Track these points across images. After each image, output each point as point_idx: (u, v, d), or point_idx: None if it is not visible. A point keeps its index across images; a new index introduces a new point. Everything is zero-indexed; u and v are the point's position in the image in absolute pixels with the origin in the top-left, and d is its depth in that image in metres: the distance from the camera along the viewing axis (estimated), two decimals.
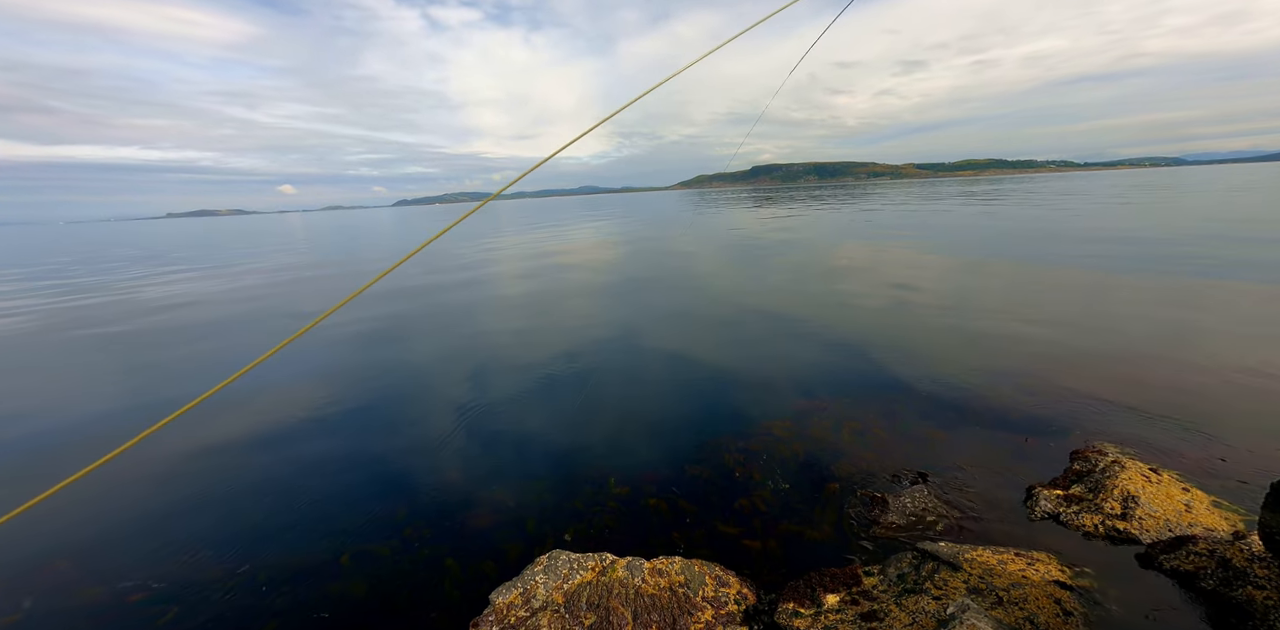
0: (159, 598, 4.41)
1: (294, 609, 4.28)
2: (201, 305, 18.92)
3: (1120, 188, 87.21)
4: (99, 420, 8.68)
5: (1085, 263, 18.51)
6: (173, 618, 4.22)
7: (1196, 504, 5.28)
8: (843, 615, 3.76)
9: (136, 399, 9.67)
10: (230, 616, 4.23)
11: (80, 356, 12.87)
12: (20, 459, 7.43)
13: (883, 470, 6.01)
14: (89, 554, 5.06)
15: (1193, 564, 4.42)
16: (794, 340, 11.27)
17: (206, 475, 6.63)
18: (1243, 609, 3.94)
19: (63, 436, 8.11)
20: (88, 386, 10.54)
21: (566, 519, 5.46)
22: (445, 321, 14.55)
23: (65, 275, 31.87)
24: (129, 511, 5.86)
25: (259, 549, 5.07)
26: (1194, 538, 4.73)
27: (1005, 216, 39.82)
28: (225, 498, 6.08)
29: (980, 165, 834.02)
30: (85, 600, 4.43)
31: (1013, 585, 4.08)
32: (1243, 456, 5.89)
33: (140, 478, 6.61)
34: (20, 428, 8.52)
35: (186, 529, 5.45)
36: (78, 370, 11.73)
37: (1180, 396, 7.51)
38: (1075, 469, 5.82)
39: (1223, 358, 8.88)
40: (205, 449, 7.39)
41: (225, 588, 4.53)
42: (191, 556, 4.96)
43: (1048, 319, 11.86)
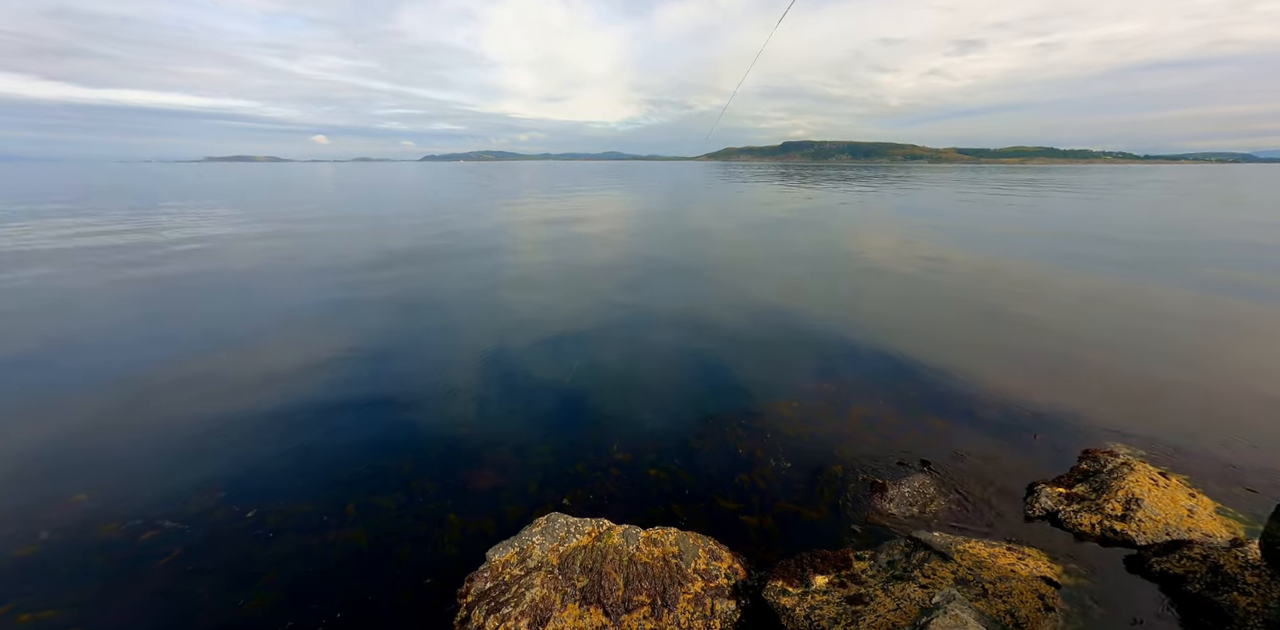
0: (168, 537, 4.64)
1: (297, 555, 4.48)
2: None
3: (1169, 183, 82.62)
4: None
5: (1095, 266, 17.79)
6: (177, 556, 4.44)
7: (1200, 510, 5.22)
8: (829, 597, 3.84)
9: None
10: (234, 559, 4.44)
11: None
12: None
13: (886, 457, 6.00)
14: (106, 490, 5.31)
15: (1183, 568, 4.41)
16: (808, 322, 11.12)
17: (221, 420, 6.84)
18: (1223, 613, 3.94)
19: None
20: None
21: (567, 483, 5.57)
22: (463, 282, 14.56)
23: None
24: (147, 452, 6.10)
25: (267, 494, 5.28)
26: (1190, 542, 4.70)
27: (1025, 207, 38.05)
28: (238, 442, 6.29)
29: (1029, 153, 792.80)
30: (99, 535, 4.68)
31: (1000, 578, 4.11)
32: (1257, 467, 5.77)
33: (159, 420, 6.85)
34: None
35: (199, 471, 5.67)
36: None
37: (1201, 403, 7.32)
38: (1082, 468, 5.76)
39: (1249, 367, 8.59)
40: (221, 393, 7.61)
41: (232, 530, 4.74)
42: (202, 499, 5.18)
43: (1070, 319, 11.51)
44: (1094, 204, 40.18)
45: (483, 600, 3.88)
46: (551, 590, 3.95)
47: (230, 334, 10.14)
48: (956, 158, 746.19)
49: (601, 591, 3.94)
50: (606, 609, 3.82)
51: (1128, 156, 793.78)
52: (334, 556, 4.46)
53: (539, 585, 3.97)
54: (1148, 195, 50.88)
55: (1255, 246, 20.75)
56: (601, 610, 3.82)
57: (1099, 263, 17.46)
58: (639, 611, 3.81)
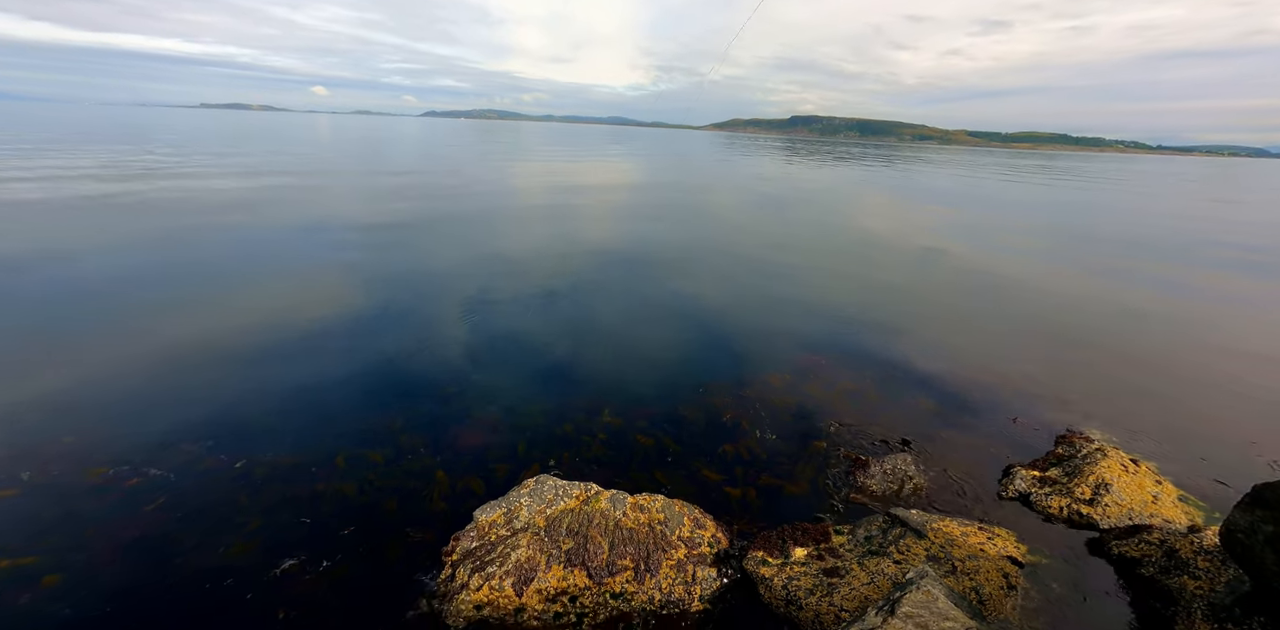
0: (153, 484, 4.61)
1: (283, 505, 4.50)
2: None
3: (1169, 175, 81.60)
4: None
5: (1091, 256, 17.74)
6: (162, 503, 4.43)
7: (1165, 497, 5.43)
8: (807, 568, 3.97)
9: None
10: (219, 507, 4.44)
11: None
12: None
13: (869, 433, 6.10)
14: (94, 434, 5.23)
15: (1140, 551, 4.62)
16: (805, 296, 11.04)
17: (212, 367, 6.71)
18: (1172, 595, 4.17)
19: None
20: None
21: (556, 444, 5.61)
22: (459, 238, 14.13)
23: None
24: (137, 396, 5.99)
25: (256, 444, 5.24)
26: (1150, 527, 4.92)
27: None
28: (228, 392, 6.19)
29: (1041, 138, 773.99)
30: (85, 480, 4.64)
31: (969, 556, 4.28)
32: (1225, 459, 5.97)
33: (150, 365, 6.70)
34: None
35: (189, 419, 5.59)
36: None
37: (1179, 395, 7.49)
38: (1058, 452, 5.92)
39: (1232, 360, 8.76)
40: (212, 341, 7.43)
41: (219, 479, 4.72)
42: (190, 446, 5.14)
43: (1061, 307, 11.56)
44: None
45: (468, 559, 3.95)
46: (537, 551, 4.02)
47: (223, 282, 9.83)
48: (967, 140, 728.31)
49: (586, 554, 4.03)
50: (590, 572, 3.92)
51: (1140, 146, 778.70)
52: (321, 509, 4.49)
53: (525, 546, 4.05)
54: (1136, 186, 50.31)
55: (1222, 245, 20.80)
56: (585, 573, 3.92)
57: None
58: (622, 575, 3.92)
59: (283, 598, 3.69)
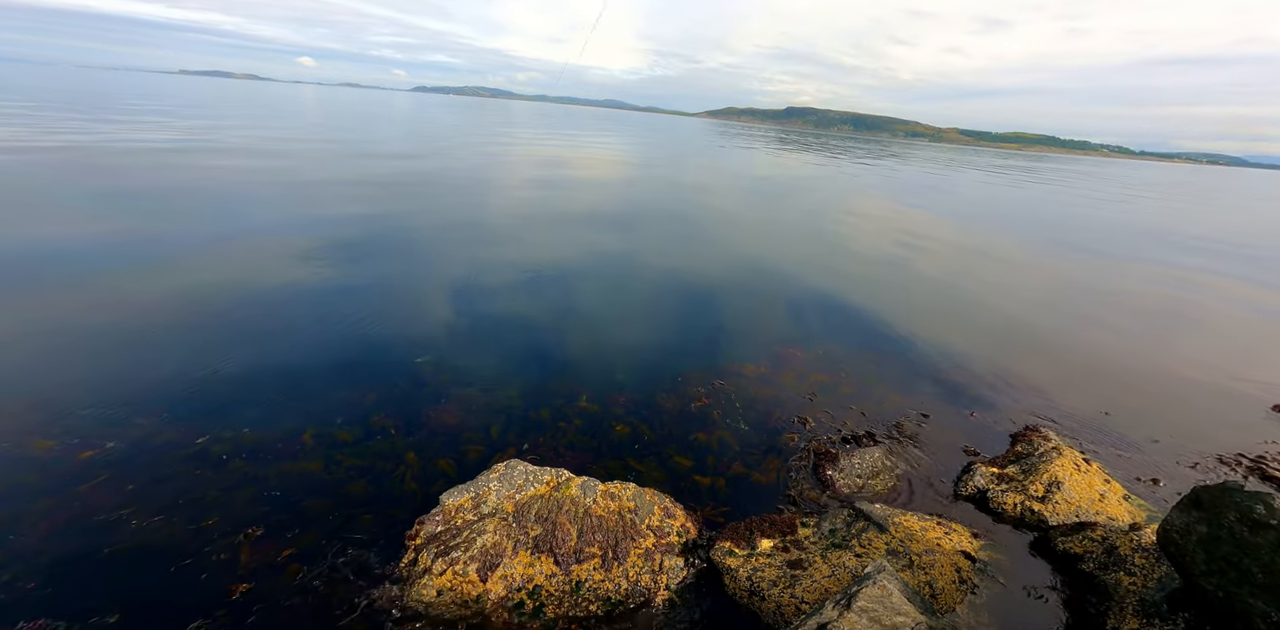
0: (108, 458, 4.43)
1: (245, 483, 4.38)
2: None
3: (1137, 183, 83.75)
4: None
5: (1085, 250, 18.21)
6: (112, 478, 4.27)
7: (1111, 495, 5.69)
8: (772, 560, 4.06)
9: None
10: (175, 483, 4.30)
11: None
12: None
13: (840, 426, 6.22)
14: (46, 401, 4.98)
15: (1083, 547, 4.86)
16: (786, 287, 11.08)
17: (177, 337, 6.42)
18: (1106, 591, 4.41)
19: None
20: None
21: (530, 428, 5.57)
22: (443, 216, 13.68)
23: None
24: (94, 362, 5.70)
25: (221, 418, 5.06)
26: (1094, 525, 5.16)
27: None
28: (193, 362, 5.95)
29: (1029, 140, 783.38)
30: (30, 452, 4.42)
31: (926, 551, 4.43)
32: (1171, 460, 6.28)
33: (108, 333, 6.36)
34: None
35: (149, 389, 5.36)
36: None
37: (1135, 394, 7.80)
38: (1017, 450, 6.13)
39: (1195, 365, 9.15)
40: (179, 309, 7.09)
41: (177, 455, 4.56)
42: (149, 419, 4.93)
43: (1034, 304, 11.85)
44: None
45: (432, 543, 3.92)
46: (504, 537, 4.02)
47: (194, 246, 9.34)
48: (957, 138, 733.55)
49: (554, 541, 4.04)
50: (558, 558, 3.94)
51: (1124, 151, 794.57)
52: (285, 488, 4.38)
53: (491, 531, 4.03)
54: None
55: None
56: (553, 559, 3.93)
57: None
58: (589, 563, 3.95)
59: (238, 577, 3.61)
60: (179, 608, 3.38)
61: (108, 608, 3.32)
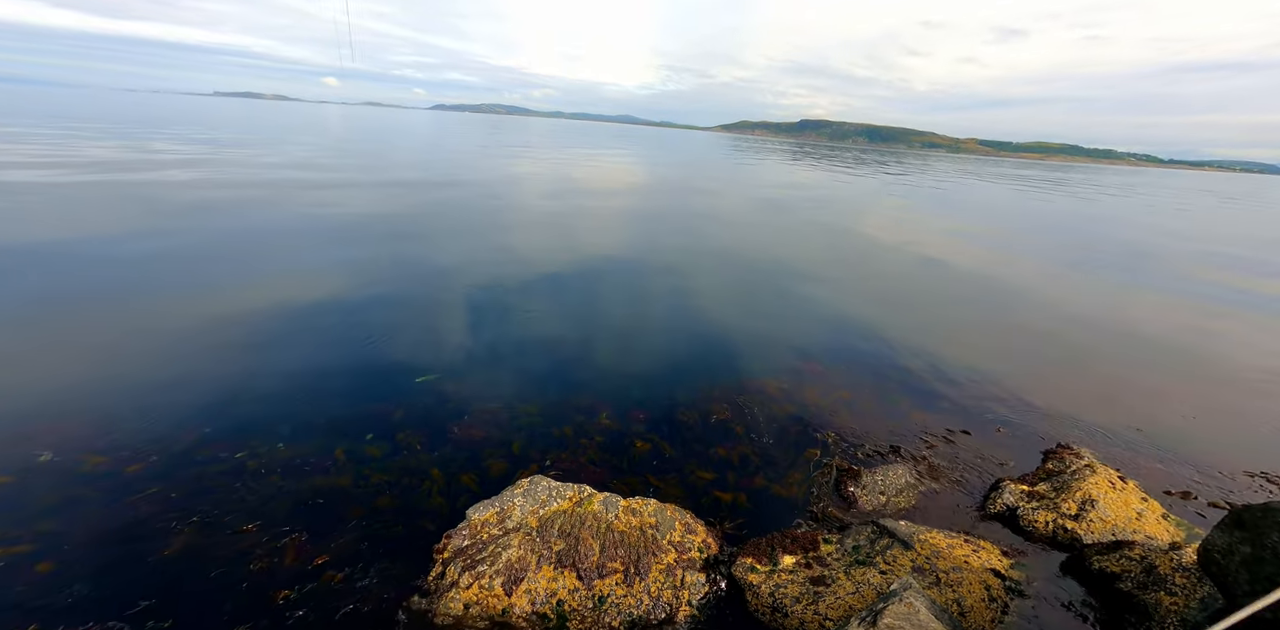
0: (154, 472, 4.66)
1: (280, 497, 4.55)
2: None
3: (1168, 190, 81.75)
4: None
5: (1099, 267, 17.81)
6: (158, 492, 4.48)
7: (1149, 514, 5.51)
8: (794, 576, 4.03)
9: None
10: (213, 496, 4.49)
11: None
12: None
13: (863, 442, 6.17)
14: (95, 421, 5.27)
15: (1120, 566, 4.70)
16: (806, 302, 11.09)
17: (217, 355, 6.74)
18: (1146, 610, 4.25)
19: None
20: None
21: (551, 445, 5.66)
22: (463, 237, 14.14)
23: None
24: (139, 383, 6.02)
25: (257, 434, 5.29)
26: (1132, 543, 4.99)
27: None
28: (231, 379, 6.23)
29: (1052, 149, 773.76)
30: (83, 467, 4.68)
31: (953, 568, 4.35)
32: (1211, 478, 6.05)
33: (153, 351, 6.72)
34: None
35: (191, 406, 5.63)
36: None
37: (1174, 411, 7.56)
38: (1047, 467, 5.99)
39: (1226, 378, 8.84)
40: (217, 328, 7.46)
41: (218, 469, 4.77)
42: (192, 435, 5.18)
43: (1063, 319, 11.61)
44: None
45: (459, 557, 4.00)
46: (528, 552, 4.08)
47: (228, 270, 9.84)
48: (976, 149, 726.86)
49: (577, 556, 4.09)
50: (580, 573, 3.98)
51: (1151, 159, 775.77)
52: (316, 503, 4.53)
53: (516, 546, 4.10)
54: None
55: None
56: (575, 574, 3.98)
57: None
58: (612, 578, 3.98)
59: (276, 588, 3.75)
60: (225, 613, 3.53)
61: (161, 612, 3.49)
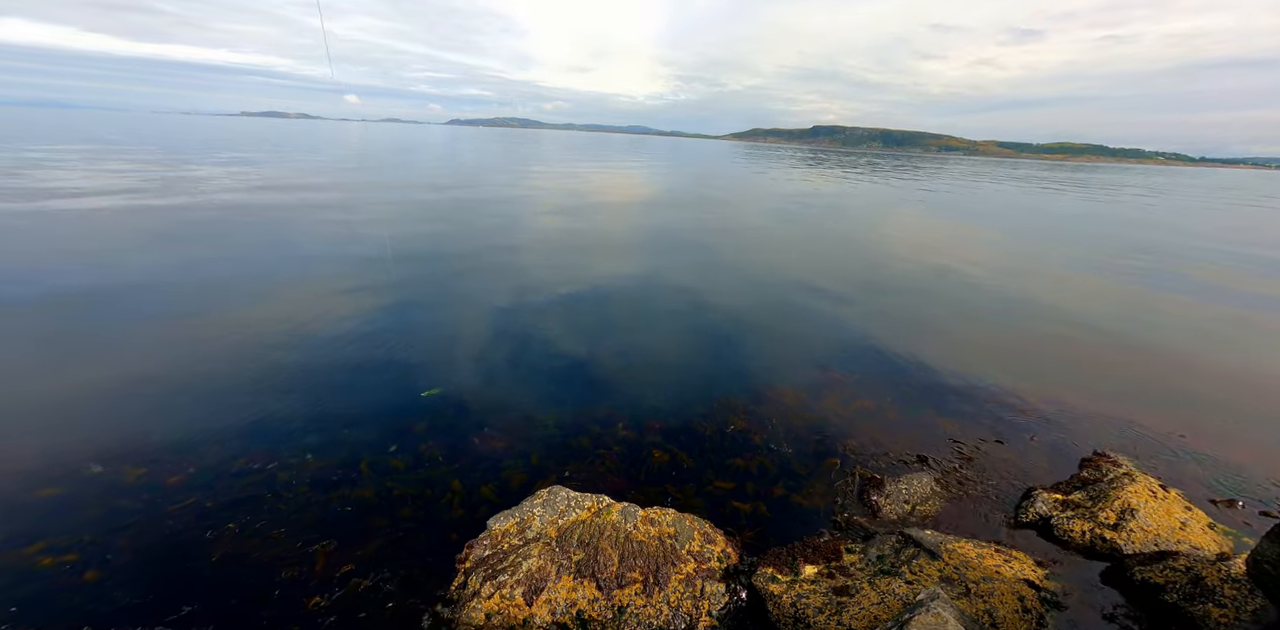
0: (192, 483, 4.86)
1: (309, 507, 4.68)
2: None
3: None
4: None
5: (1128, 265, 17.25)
6: (194, 503, 4.66)
7: (1194, 523, 5.25)
8: (816, 586, 3.96)
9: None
10: (246, 506, 4.65)
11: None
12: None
13: (885, 452, 6.05)
14: (135, 434, 5.52)
15: (1164, 577, 4.48)
16: (823, 311, 11.02)
17: (245, 370, 7.01)
18: (1193, 623, 4.03)
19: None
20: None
21: (569, 455, 5.70)
22: (482, 250, 14.50)
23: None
24: (174, 396, 6.29)
25: (286, 448, 5.46)
26: (1176, 554, 4.76)
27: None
28: (261, 393, 6.46)
29: (1075, 149, 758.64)
30: (124, 479, 4.90)
31: (984, 579, 4.21)
32: (1259, 487, 5.75)
33: (184, 365, 7.04)
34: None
35: (223, 419, 5.87)
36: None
37: (1216, 418, 7.23)
38: (1082, 476, 5.78)
39: (1273, 383, 8.43)
40: (243, 344, 7.77)
41: (251, 481, 4.94)
42: (226, 447, 5.39)
43: (1092, 324, 11.28)
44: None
45: (480, 567, 4.04)
46: (548, 562, 4.10)
47: (257, 287, 10.25)
48: (996, 151, 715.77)
49: (596, 566, 4.09)
50: (600, 583, 3.98)
51: (1182, 158, 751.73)
52: (343, 513, 4.65)
53: (536, 556, 4.13)
54: (1178, 199, 48.64)
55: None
56: (595, 584, 3.98)
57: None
58: (631, 588, 3.96)
59: (307, 596, 3.84)
60: (261, 619, 3.66)
61: (201, 618, 3.62)
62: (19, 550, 4.06)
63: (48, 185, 20.68)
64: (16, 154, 27.09)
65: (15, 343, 7.51)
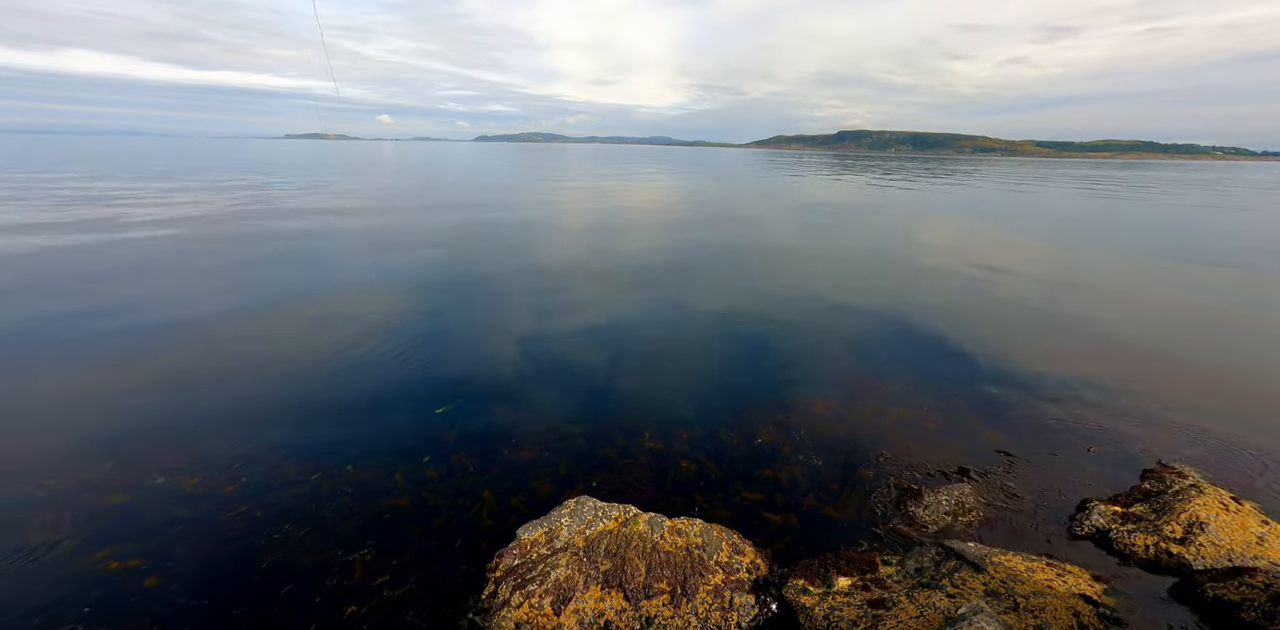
0: (243, 492, 5.14)
1: (349, 516, 4.86)
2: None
3: None
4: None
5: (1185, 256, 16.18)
6: (246, 511, 4.91)
7: (1272, 538, 4.82)
8: (851, 598, 3.82)
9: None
10: (297, 514, 4.88)
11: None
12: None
13: (923, 462, 5.83)
14: (192, 445, 5.89)
15: (1240, 594, 4.11)
16: (852, 317, 10.79)
17: (292, 382, 7.40)
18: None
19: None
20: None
21: (596, 465, 5.73)
22: (508, 265, 14.91)
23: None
24: (226, 408, 6.69)
25: (328, 456, 5.72)
26: (1253, 570, 4.37)
27: None
28: (306, 405, 6.79)
29: (1122, 147, 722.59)
30: (183, 488, 5.22)
31: (1034, 593, 3.96)
32: None
33: (236, 378, 7.46)
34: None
35: (268, 430, 6.20)
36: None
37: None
38: (1144, 488, 5.41)
39: None
40: (291, 358, 8.19)
41: (297, 490, 5.18)
42: (274, 458, 5.68)
43: (1147, 326, 10.63)
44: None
45: (510, 576, 4.09)
46: (575, 572, 4.11)
47: (299, 304, 10.82)
48: (1035, 151, 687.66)
49: (624, 576, 4.08)
50: (627, 594, 3.96)
51: (1242, 152, 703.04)
52: (380, 521, 4.81)
53: (564, 566, 4.15)
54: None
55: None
56: (622, 594, 3.96)
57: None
58: (659, 598, 3.92)
59: (345, 603, 3.98)
60: (304, 626, 3.81)
61: (251, 624, 3.80)
62: (91, 555, 4.36)
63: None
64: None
65: (110, 362, 8.09)
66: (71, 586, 4.07)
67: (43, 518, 4.74)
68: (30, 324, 9.37)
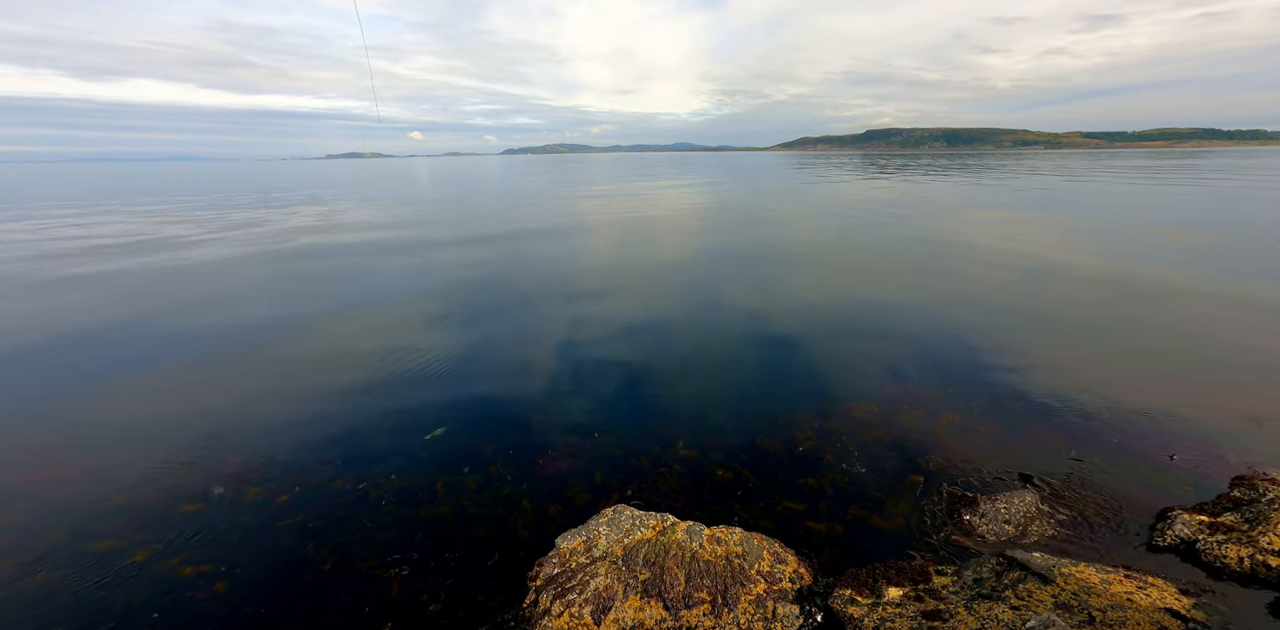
0: (298, 501, 5.38)
1: (393, 525, 5.00)
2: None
3: None
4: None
5: None
6: (302, 520, 5.14)
7: None
8: (903, 610, 3.60)
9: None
10: (343, 524, 5.06)
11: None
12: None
13: (979, 469, 5.49)
14: (252, 456, 6.23)
15: None
16: (894, 317, 10.41)
17: (339, 395, 7.73)
18: None
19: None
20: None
21: (631, 475, 5.69)
22: (540, 275, 15.23)
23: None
24: (281, 421, 7.04)
25: (375, 466, 5.93)
26: None
27: None
28: (354, 417, 7.07)
29: (1180, 135, 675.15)
30: (245, 497, 5.51)
31: (1111, 607, 3.63)
32: None
33: (291, 392, 7.85)
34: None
35: (321, 441, 6.48)
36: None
37: None
38: (1233, 496, 4.91)
39: None
40: (337, 370, 8.53)
41: (347, 499, 5.39)
42: (326, 468, 5.94)
43: (1229, 324, 9.76)
44: None
45: (550, 585, 4.08)
46: (615, 581, 4.07)
47: (337, 320, 11.35)
48: (1082, 143, 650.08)
49: (663, 585, 4.00)
50: (667, 603, 3.87)
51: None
52: (423, 530, 4.92)
53: (603, 575, 4.11)
54: None
55: None
56: (662, 604, 3.88)
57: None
58: (699, 608, 3.82)
59: (392, 611, 4.07)
60: None
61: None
62: (167, 560, 4.65)
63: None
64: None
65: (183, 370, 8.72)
66: (149, 590, 4.33)
67: (124, 525, 5.10)
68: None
